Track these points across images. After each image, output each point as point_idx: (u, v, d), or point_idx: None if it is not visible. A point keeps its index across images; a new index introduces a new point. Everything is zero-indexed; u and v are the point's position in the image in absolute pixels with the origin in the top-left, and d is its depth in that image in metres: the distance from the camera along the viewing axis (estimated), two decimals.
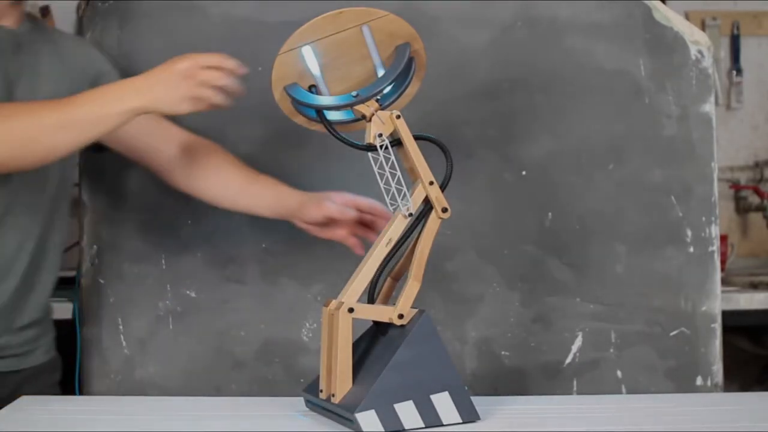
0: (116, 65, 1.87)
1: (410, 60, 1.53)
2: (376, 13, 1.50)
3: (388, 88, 1.52)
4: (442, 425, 1.41)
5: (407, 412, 1.40)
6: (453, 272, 2.01)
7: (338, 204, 1.75)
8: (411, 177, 1.50)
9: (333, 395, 1.44)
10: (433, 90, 1.94)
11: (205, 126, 1.88)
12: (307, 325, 2.01)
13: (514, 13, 2.02)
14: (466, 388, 1.44)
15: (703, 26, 3.61)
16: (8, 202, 1.71)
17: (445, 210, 1.48)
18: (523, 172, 2.03)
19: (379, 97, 1.51)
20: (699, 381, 2.01)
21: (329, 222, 1.77)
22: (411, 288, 1.47)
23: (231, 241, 1.97)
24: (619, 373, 2.02)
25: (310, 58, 1.50)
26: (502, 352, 2.02)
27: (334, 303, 1.47)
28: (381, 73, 1.52)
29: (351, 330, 1.45)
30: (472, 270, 2.01)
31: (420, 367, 1.42)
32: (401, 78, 1.52)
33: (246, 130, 2.00)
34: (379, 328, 1.50)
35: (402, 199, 1.47)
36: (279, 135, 2.01)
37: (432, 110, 1.96)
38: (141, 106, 1.55)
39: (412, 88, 1.55)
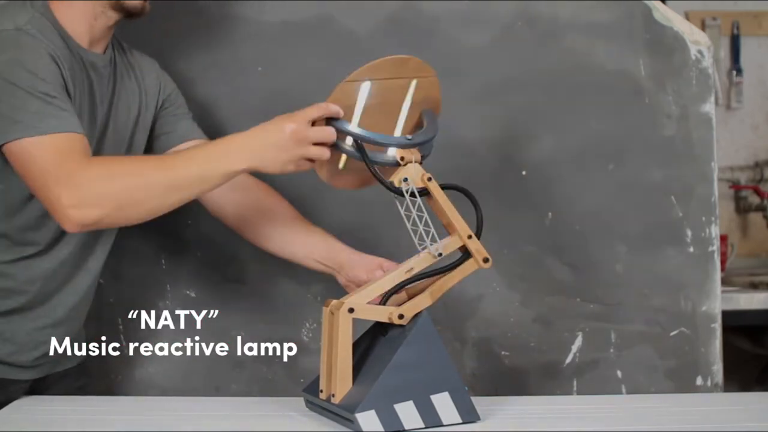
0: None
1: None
2: (430, 71, 1.52)
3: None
4: (442, 425, 1.41)
5: (407, 412, 1.40)
6: None
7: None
8: (448, 231, 1.51)
9: (333, 395, 1.44)
10: None
11: (205, 126, 1.88)
12: (307, 325, 2.01)
13: (514, 13, 2.02)
14: (467, 388, 1.44)
15: (703, 26, 3.61)
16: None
17: (486, 260, 1.49)
18: (523, 172, 2.02)
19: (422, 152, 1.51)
20: (699, 381, 2.01)
21: None
22: (422, 300, 1.47)
23: (231, 241, 1.97)
24: (619, 373, 2.02)
25: (363, 94, 1.48)
26: (502, 352, 2.02)
27: (334, 303, 1.47)
28: (398, 132, 1.52)
29: (351, 330, 1.45)
30: None
31: (420, 367, 1.42)
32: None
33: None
34: (380, 329, 1.50)
35: (430, 240, 1.48)
36: None
37: None
38: (248, 167, 1.50)
39: None
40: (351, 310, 1.45)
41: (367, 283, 1.52)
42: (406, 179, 1.49)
